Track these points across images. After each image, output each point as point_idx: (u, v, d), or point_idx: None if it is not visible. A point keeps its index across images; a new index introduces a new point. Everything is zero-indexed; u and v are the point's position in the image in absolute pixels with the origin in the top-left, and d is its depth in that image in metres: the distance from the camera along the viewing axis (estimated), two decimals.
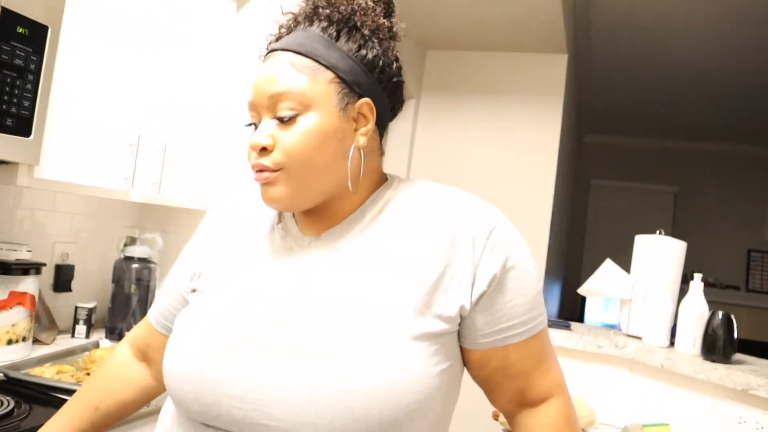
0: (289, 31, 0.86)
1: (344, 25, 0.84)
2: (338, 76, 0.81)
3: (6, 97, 1.41)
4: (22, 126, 1.46)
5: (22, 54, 1.43)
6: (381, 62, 0.84)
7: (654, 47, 4.35)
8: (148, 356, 1.04)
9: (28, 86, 1.46)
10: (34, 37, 1.46)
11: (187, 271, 0.96)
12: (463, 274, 0.79)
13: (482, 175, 3.77)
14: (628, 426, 1.76)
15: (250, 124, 0.86)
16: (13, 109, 1.43)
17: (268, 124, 0.82)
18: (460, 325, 0.81)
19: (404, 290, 0.78)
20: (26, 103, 1.46)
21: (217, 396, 0.77)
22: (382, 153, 0.91)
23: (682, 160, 7.17)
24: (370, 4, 0.87)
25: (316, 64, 0.81)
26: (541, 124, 3.71)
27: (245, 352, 0.78)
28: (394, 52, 0.88)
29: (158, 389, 1.05)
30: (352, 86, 0.82)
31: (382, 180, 0.91)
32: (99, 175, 1.82)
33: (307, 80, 0.80)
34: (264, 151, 0.81)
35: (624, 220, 7.08)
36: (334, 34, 0.83)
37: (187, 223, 2.42)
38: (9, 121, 1.42)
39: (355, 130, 0.83)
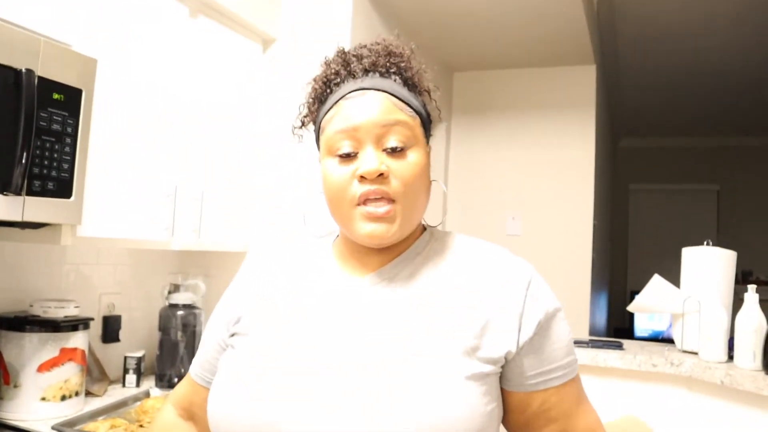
0: (364, 73, 0.87)
1: (406, 76, 0.89)
2: (422, 121, 0.89)
3: (47, 162, 1.44)
4: (63, 188, 1.49)
5: (59, 119, 1.46)
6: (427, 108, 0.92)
7: (681, 46, 4.29)
8: (193, 413, 1.04)
9: (66, 149, 1.49)
10: (69, 101, 1.49)
11: (222, 320, 0.97)
12: (507, 323, 0.83)
13: (519, 192, 3.72)
14: None
15: (344, 154, 0.84)
16: (54, 173, 1.46)
17: (374, 153, 0.82)
18: (504, 368, 0.84)
19: (453, 334, 0.81)
20: (65, 166, 1.50)
21: None
22: None
23: (720, 158, 7.02)
24: (407, 51, 0.91)
25: (410, 109, 0.86)
26: (575, 136, 3.65)
27: (298, 393, 0.78)
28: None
29: None
30: (427, 132, 0.90)
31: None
32: (139, 227, 1.85)
33: (410, 119, 0.86)
34: (381, 177, 0.81)
35: (666, 223, 6.97)
36: (408, 83, 0.89)
37: (228, 267, 2.43)
38: (50, 185, 1.46)
39: None
